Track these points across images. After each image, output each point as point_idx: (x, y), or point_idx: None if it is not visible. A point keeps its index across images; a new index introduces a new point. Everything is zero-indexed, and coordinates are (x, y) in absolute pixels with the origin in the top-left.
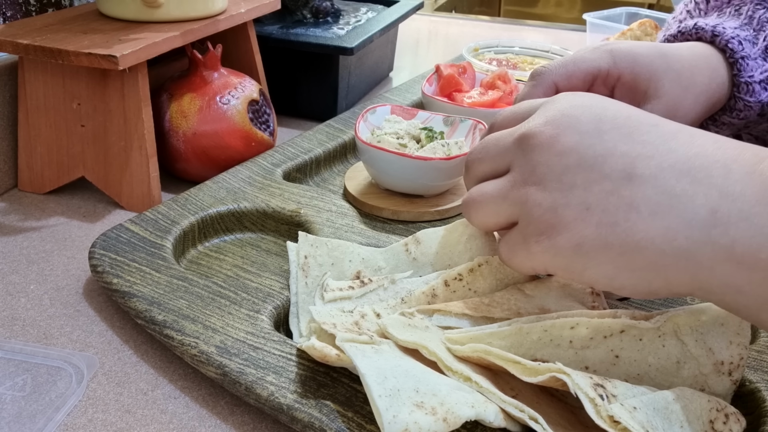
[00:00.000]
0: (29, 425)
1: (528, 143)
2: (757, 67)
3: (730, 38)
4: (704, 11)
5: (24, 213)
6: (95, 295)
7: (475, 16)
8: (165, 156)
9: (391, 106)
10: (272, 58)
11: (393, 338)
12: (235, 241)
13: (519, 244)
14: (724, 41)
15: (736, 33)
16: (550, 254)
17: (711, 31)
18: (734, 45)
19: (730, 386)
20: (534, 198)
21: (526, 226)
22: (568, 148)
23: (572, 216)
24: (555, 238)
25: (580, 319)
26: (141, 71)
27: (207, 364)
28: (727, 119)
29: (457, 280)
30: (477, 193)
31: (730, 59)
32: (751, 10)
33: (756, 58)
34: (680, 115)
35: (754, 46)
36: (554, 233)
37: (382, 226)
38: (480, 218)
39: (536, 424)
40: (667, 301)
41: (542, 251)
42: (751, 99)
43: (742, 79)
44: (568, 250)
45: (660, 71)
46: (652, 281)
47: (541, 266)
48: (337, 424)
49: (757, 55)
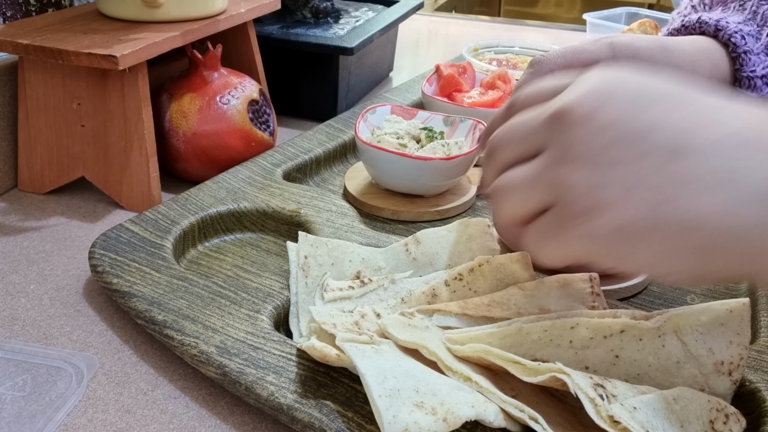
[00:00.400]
0: (29, 425)
1: (564, 120)
2: (759, 63)
3: (733, 32)
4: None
5: (24, 213)
6: (95, 295)
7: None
8: (165, 156)
9: (391, 106)
10: (272, 58)
11: (393, 338)
12: (235, 241)
13: (551, 232)
14: (727, 35)
15: (739, 27)
16: (589, 239)
17: (714, 26)
18: (737, 39)
19: (730, 386)
20: (571, 178)
21: (561, 211)
22: (608, 122)
23: (614, 195)
24: (595, 221)
25: (580, 319)
26: (141, 71)
27: (207, 364)
28: None
29: (457, 280)
30: (504, 182)
31: (733, 54)
32: (756, 5)
33: (759, 54)
34: None
35: (757, 41)
36: (594, 216)
37: (382, 226)
38: (509, 209)
39: (536, 424)
40: (667, 301)
41: (579, 237)
42: (753, 94)
43: (744, 74)
44: (610, 233)
45: (660, 65)
46: (710, 262)
47: (577, 254)
48: (337, 424)
49: (759, 50)
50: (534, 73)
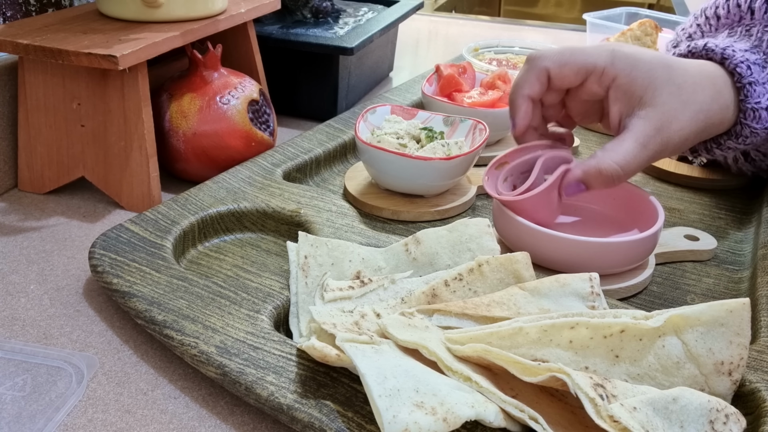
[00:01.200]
0: (29, 425)
1: None
2: (764, 93)
3: (739, 62)
4: (715, 27)
5: (24, 213)
6: (95, 295)
7: (475, 16)
8: (165, 156)
9: (391, 106)
10: (272, 58)
11: (393, 338)
12: (235, 241)
13: None
14: (733, 65)
15: (745, 57)
16: None
17: (721, 54)
18: (743, 70)
19: (730, 386)
20: None
21: None
22: None
23: None
24: None
25: (580, 319)
26: (141, 71)
27: (207, 364)
28: (732, 144)
29: (457, 280)
30: None
31: (738, 84)
32: (761, 32)
33: (764, 83)
34: (675, 128)
35: (763, 70)
36: None
37: (382, 226)
38: None
39: (536, 424)
40: (667, 301)
41: None
42: (758, 126)
43: (749, 104)
44: None
45: (660, 81)
46: None
47: None
48: (337, 424)
49: (765, 80)
50: (529, 70)
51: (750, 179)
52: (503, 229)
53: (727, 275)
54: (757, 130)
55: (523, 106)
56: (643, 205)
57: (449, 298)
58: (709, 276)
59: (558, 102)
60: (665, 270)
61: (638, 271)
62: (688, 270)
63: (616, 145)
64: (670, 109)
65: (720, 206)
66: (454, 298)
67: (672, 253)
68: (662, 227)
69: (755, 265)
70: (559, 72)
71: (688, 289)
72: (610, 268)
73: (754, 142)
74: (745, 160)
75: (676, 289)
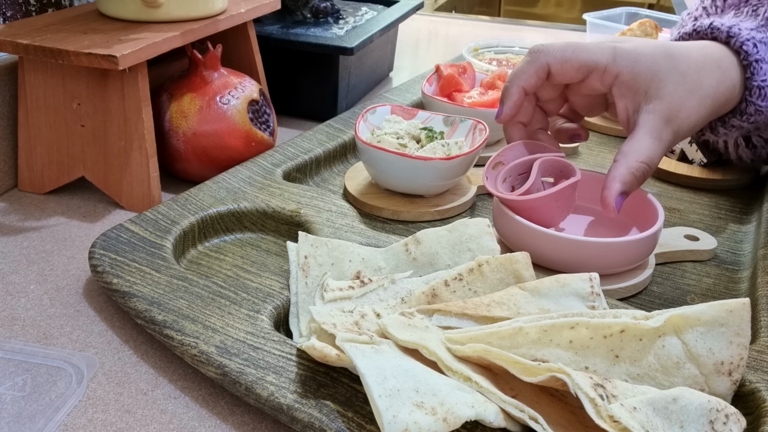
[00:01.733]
0: (29, 425)
1: None
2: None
3: (745, 40)
4: (721, 9)
5: (24, 213)
6: (95, 295)
7: (475, 16)
8: (165, 156)
9: (391, 106)
10: (272, 58)
11: (393, 338)
12: (235, 241)
13: None
14: (739, 43)
15: (751, 35)
16: None
17: (726, 32)
18: (749, 47)
19: (730, 386)
20: None
21: None
22: None
23: None
24: None
25: (580, 319)
26: (141, 71)
27: (207, 364)
28: (737, 122)
29: (457, 280)
30: None
31: (744, 62)
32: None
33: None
34: (683, 116)
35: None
36: None
37: (382, 226)
38: None
39: (536, 424)
40: (667, 301)
41: None
42: (763, 103)
43: (755, 82)
44: None
45: (663, 72)
46: None
47: None
48: (337, 424)
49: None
50: (530, 62)
51: (750, 179)
52: (503, 229)
53: (727, 275)
54: (762, 108)
55: (515, 96)
56: (643, 205)
57: (449, 298)
58: (709, 276)
59: (557, 96)
60: (665, 270)
61: (638, 271)
62: (688, 270)
63: (634, 144)
64: (677, 99)
65: (720, 206)
66: (454, 298)
67: (672, 253)
68: (662, 227)
69: (755, 265)
70: (560, 68)
71: (688, 289)
72: (610, 268)
73: (758, 120)
74: (746, 146)
75: (676, 289)
